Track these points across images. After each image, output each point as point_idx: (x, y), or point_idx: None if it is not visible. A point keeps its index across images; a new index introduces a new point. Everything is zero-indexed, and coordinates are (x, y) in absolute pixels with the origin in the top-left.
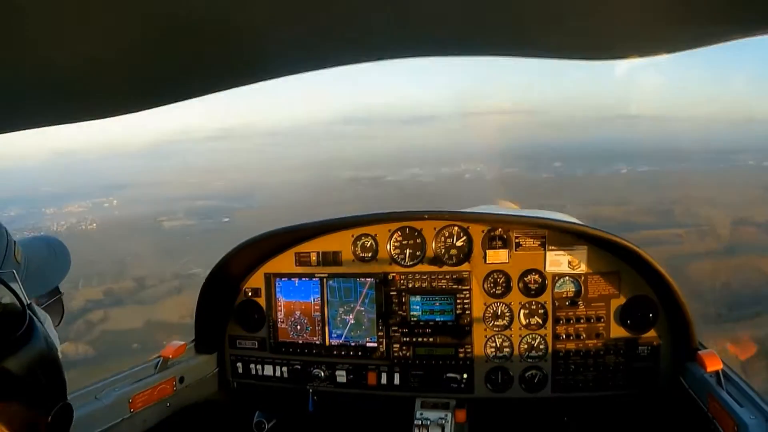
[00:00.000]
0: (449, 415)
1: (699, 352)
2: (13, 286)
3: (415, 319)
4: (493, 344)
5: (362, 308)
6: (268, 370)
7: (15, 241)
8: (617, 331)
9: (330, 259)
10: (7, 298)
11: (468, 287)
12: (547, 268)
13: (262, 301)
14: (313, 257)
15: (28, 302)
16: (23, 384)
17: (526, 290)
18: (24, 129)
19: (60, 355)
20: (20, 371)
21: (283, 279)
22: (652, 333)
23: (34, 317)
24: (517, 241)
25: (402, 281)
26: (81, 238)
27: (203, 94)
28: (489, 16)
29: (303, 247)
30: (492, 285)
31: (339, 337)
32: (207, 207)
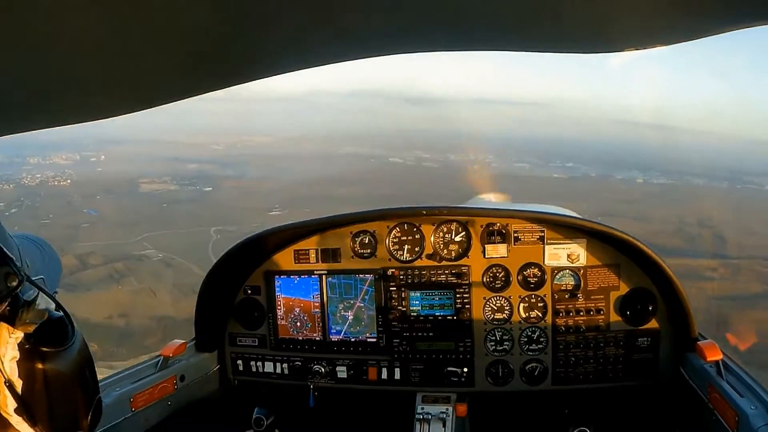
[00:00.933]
0: (450, 409)
1: (698, 342)
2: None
3: (415, 314)
4: (493, 338)
5: (362, 305)
6: (269, 367)
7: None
8: (617, 323)
9: (329, 255)
10: (42, 304)
11: (467, 282)
12: (546, 262)
13: (261, 298)
14: (312, 254)
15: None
16: (73, 383)
17: (525, 284)
18: (24, 131)
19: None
20: (71, 372)
21: (282, 276)
22: (651, 324)
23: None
24: (515, 235)
25: (401, 277)
26: (47, 196)
27: (204, 92)
28: (488, 10)
29: (302, 245)
30: (491, 279)
31: (338, 333)
32: (197, 171)
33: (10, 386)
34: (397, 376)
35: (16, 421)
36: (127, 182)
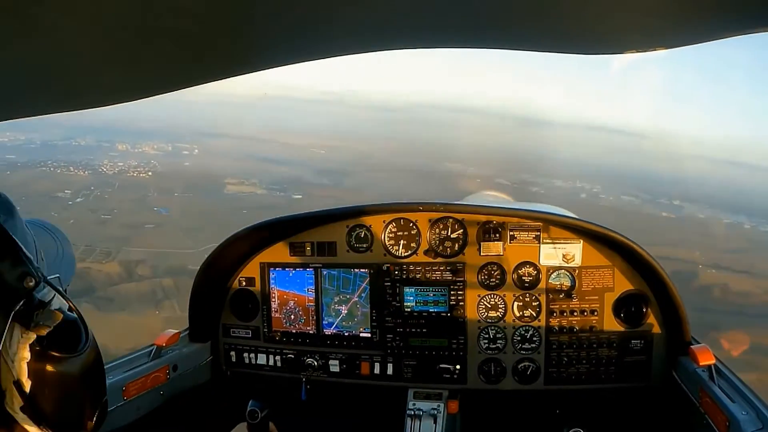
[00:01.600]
0: (442, 405)
1: (691, 346)
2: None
3: (409, 310)
4: (487, 336)
5: (357, 300)
6: (262, 359)
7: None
8: (611, 325)
9: (324, 249)
10: (56, 303)
11: (462, 279)
12: (542, 261)
13: (256, 290)
14: (308, 247)
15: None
16: (81, 386)
17: (520, 282)
18: (23, 116)
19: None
20: (80, 375)
21: (277, 269)
22: (645, 327)
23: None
24: (511, 233)
25: (396, 272)
26: (121, 187)
27: (204, 83)
28: (489, 8)
29: (298, 237)
30: (486, 277)
31: (330, 325)
32: (289, 176)
33: (19, 386)
34: (390, 371)
35: (22, 418)
36: (212, 180)
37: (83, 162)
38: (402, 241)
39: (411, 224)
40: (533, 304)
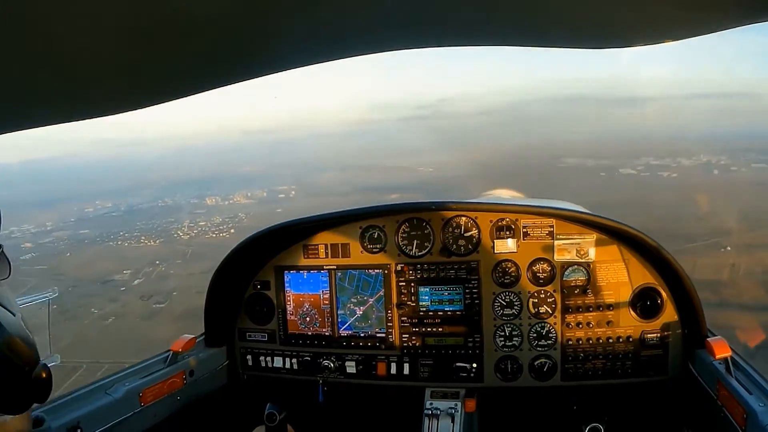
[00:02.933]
0: (459, 404)
1: (708, 339)
2: None
3: (425, 309)
4: (503, 333)
5: (372, 301)
6: (278, 362)
7: None
8: (626, 320)
9: (338, 251)
10: None
11: (477, 277)
12: (556, 257)
13: (271, 293)
14: (322, 249)
15: None
16: None
17: (534, 279)
18: (30, 128)
19: (22, 319)
20: None
21: (291, 272)
22: (661, 321)
23: None
24: (525, 230)
25: (411, 272)
26: (194, 256)
27: (215, 87)
28: (500, 6)
29: (311, 240)
30: (501, 274)
31: (343, 323)
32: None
33: None
34: (406, 371)
35: None
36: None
37: (160, 228)
38: (416, 241)
39: (424, 224)
40: (548, 300)
